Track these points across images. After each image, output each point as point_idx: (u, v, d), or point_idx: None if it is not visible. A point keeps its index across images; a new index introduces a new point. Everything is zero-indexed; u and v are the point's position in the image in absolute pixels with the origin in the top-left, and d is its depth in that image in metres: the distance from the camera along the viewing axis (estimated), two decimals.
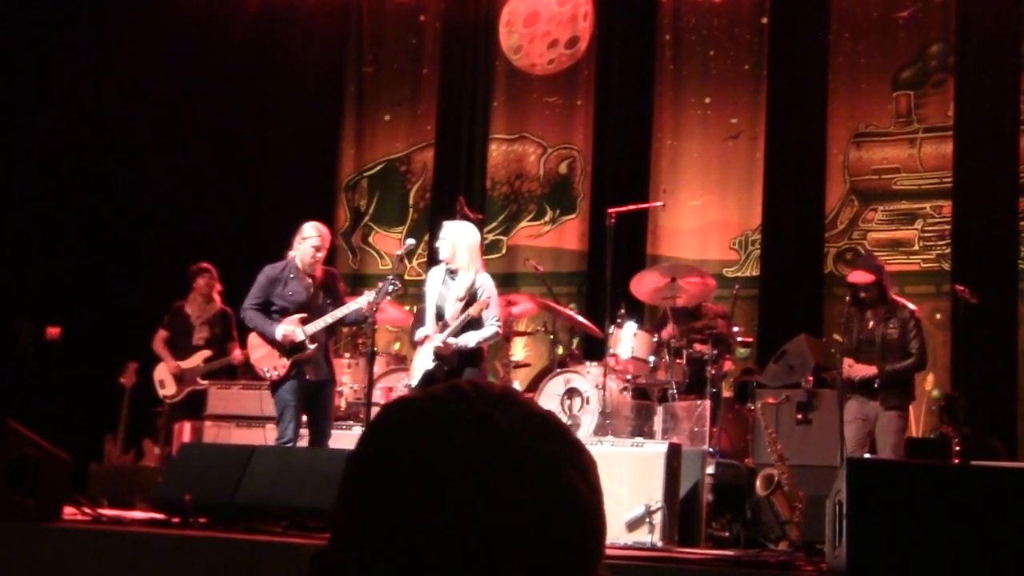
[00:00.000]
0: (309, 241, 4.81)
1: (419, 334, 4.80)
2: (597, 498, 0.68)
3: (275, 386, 4.84)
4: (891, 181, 6.88)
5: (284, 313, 4.83)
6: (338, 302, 4.83)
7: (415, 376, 4.75)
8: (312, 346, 4.76)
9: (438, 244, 4.78)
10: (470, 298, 4.68)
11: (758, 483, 4.88)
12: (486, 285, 4.74)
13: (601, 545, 0.68)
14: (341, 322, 4.87)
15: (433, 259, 5.28)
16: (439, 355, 4.65)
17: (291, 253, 4.87)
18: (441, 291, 4.76)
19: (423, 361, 4.73)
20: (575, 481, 0.66)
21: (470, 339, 4.66)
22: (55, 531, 3.63)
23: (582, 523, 0.66)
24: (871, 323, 4.94)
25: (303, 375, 4.81)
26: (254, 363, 5.00)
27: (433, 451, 0.64)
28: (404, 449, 0.65)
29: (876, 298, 4.95)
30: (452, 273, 4.75)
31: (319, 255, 4.82)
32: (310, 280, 4.86)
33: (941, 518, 2.84)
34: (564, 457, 0.67)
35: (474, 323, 4.69)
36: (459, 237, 4.76)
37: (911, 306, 5.07)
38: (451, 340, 4.62)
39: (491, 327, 4.70)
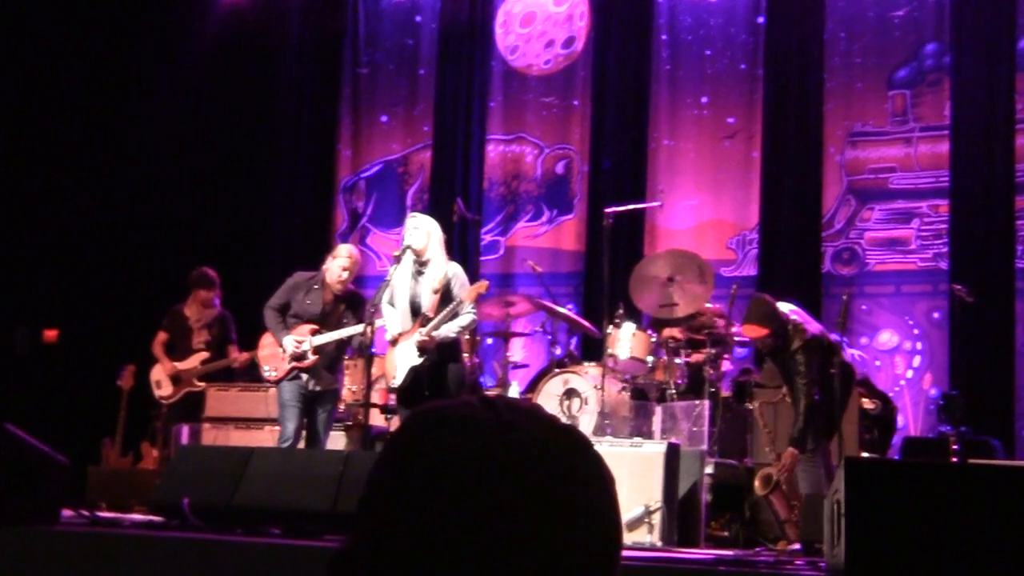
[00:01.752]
0: (339, 261, 4.96)
1: (393, 331, 4.77)
2: (615, 510, 0.69)
3: (278, 386, 4.95)
4: (887, 180, 6.89)
5: (297, 319, 4.92)
6: (358, 323, 4.90)
7: (399, 374, 4.72)
8: (313, 357, 4.80)
9: (410, 234, 4.73)
10: (445, 289, 4.67)
11: (756, 483, 4.87)
12: (459, 274, 4.75)
13: (619, 557, 0.69)
14: (349, 342, 4.95)
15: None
16: (424, 349, 4.62)
17: (323, 267, 5.00)
18: (412, 285, 4.74)
19: (405, 358, 4.69)
20: (599, 493, 0.68)
21: (451, 329, 4.66)
22: (53, 535, 3.62)
23: (605, 534, 0.67)
24: (779, 371, 4.73)
25: (304, 379, 4.85)
26: (259, 360, 5.16)
27: (462, 459, 0.65)
28: (433, 456, 0.66)
29: (777, 346, 4.60)
30: (421, 265, 4.73)
31: (344, 275, 4.94)
32: (332, 296, 4.95)
33: (939, 517, 2.84)
34: (589, 470, 0.68)
35: (451, 313, 4.68)
36: (432, 228, 4.77)
37: (803, 335, 4.57)
38: (434, 333, 4.60)
39: (468, 314, 4.69)
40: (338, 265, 4.92)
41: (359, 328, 4.75)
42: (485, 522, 0.63)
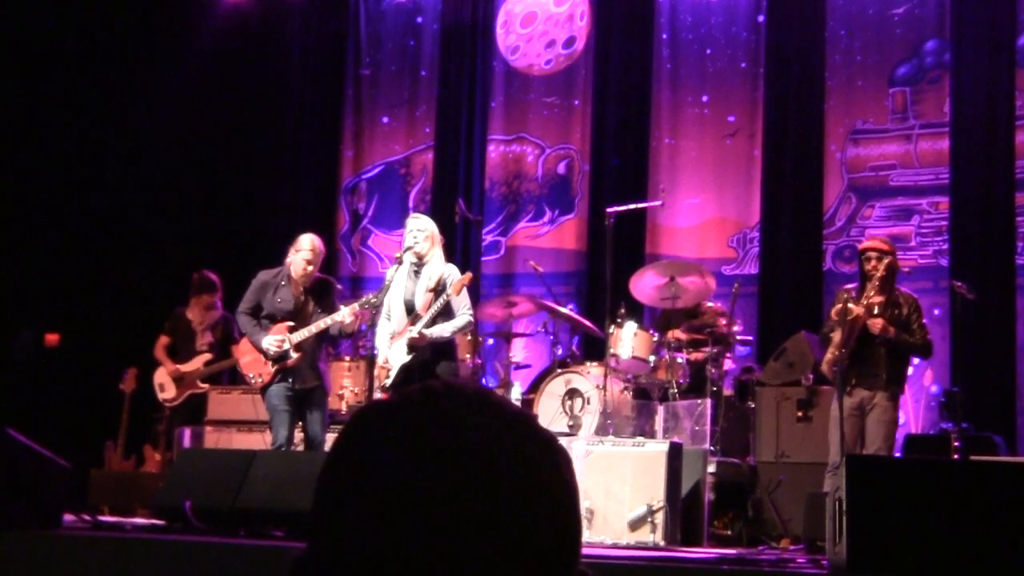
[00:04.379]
0: (301, 254, 4.86)
1: (387, 333, 4.73)
2: (570, 498, 0.67)
3: (264, 392, 4.88)
4: (888, 177, 6.89)
5: (272, 319, 4.86)
6: (329, 312, 4.84)
7: (392, 373, 4.68)
8: (296, 355, 4.77)
9: (412, 237, 4.71)
10: (440, 288, 4.66)
11: (835, 309, 4.72)
12: (454, 275, 4.73)
13: (575, 544, 0.67)
14: (327, 333, 4.86)
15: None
16: (413, 346, 4.60)
17: (287, 260, 4.92)
18: (408, 285, 4.72)
19: (398, 357, 4.68)
20: (546, 480, 0.66)
21: (444, 329, 4.63)
22: (55, 539, 3.62)
23: (554, 523, 0.65)
24: (875, 308, 4.72)
25: (290, 380, 4.82)
26: (242, 367, 5.08)
27: (400, 453, 0.64)
28: (373, 452, 0.65)
29: (883, 275, 4.71)
30: (420, 266, 4.73)
31: (309, 268, 4.86)
32: (301, 289, 4.89)
33: (941, 513, 2.84)
34: (534, 456, 0.66)
35: (446, 313, 4.65)
36: (433, 229, 4.76)
37: (913, 294, 4.92)
38: (425, 331, 4.58)
39: (464, 316, 4.66)
40: (301, 258, 4.84)
41: (338, 316, 4.71)
42: (426, 520, 0.62)
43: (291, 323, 4.81)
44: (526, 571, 0.63)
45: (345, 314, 4.68)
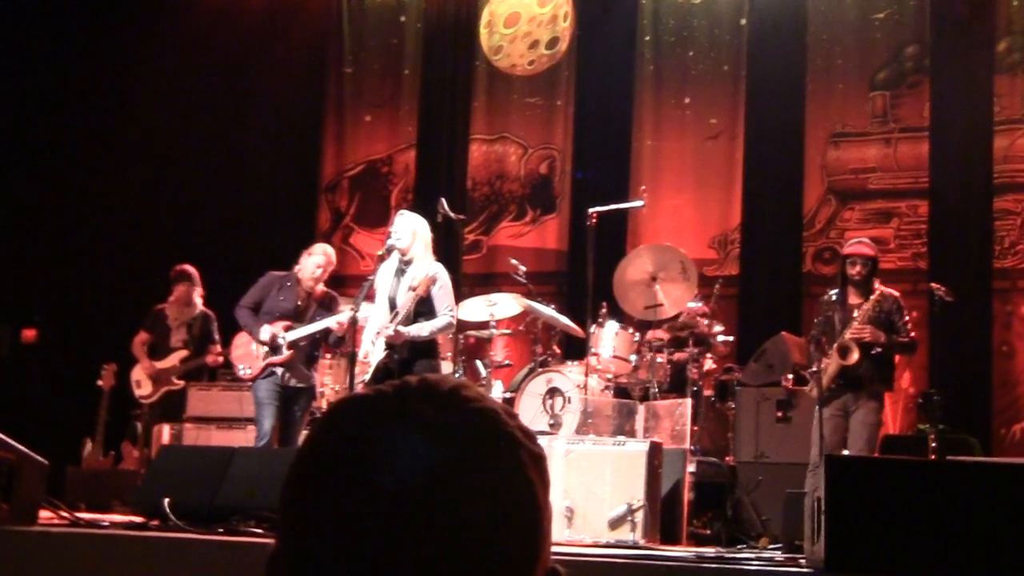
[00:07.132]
0: (314, 259, 4.97)
1: (374, 329, 4.75)
2: (532, 496, 0.66)
3: (253, 385, 4.93)
4: (867, 180, 6.95)
5: (270, 316, 4.92)
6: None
7: (371, 370, 4.71)
8: (288, 352, 4.78)
9: (395, 234, 4.72)
10: (424, 288, 4.65)
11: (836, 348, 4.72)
12: (441, 276, 4.72)
13: (539, 544, 0.67)
14: (325, 337, 4.94)
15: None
16: (390, 344, 4.60)
17: (297, 266, 4.98)
18: (393, 283, 4.73)
19: (378, 354, 4.69)
20: (508, 479, 0.65)
21: (423, 329, 4.62)
22: (31, 536, 3.59)
23: (515, 521, 0.65)
24: (856, 311, 4.77)
25: (277, 374, 4.84)
26: (233, 360, 5.16)
27: (361, 449, 0.64)
28: (335, 447, 0.65)
29: (865, 278, 4.79)
30: (406, 264, 4.73)
31: (318, 272, 4.96)
32: (306, 295, 4.96)
33: (918, 513, 2.87)
34: (496, 454, 0.65)
35: (428, 313, 4.65)
36: (418, 227, 4.75)
37: (895, 292, 4.97)
38: (401, 328, 4.57)
39: (444, 317, 4.66)
40: (312, 263, 4.92)
41: (331, 320, 4.75)
42: (384, 517, 0.62)
43: (288, 323, 4.87)
44: (488, 569, 0.63)
45: (340, 319, 4.70)
